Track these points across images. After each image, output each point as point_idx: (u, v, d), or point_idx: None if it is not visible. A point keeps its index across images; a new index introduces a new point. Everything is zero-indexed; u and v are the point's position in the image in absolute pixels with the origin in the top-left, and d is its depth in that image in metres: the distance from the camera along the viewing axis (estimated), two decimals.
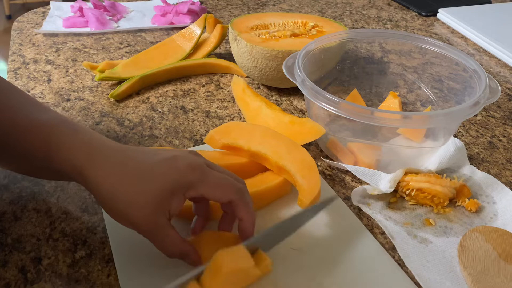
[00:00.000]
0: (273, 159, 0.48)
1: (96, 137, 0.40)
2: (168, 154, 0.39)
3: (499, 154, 0.60)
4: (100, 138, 0.40)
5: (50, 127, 0.39)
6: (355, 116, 0.47)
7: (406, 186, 0.50)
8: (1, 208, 0.47)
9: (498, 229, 0.46)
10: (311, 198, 0.45)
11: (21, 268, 0.41)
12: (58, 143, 0.38)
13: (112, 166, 0.38)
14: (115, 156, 0.39)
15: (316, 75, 0.63)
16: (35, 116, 0.40)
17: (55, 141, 0.38)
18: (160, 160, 0.39)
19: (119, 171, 0.37)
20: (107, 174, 0.37)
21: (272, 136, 0.50)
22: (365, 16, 1.03)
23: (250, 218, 0.40)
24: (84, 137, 0.39)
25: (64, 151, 0.38)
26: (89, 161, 0.38)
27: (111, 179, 0.37)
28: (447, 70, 0.63)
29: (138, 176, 0.37)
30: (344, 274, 0.42)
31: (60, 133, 0.39)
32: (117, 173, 0.37)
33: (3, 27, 3.10)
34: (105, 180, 0.37)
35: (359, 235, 0.46)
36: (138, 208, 0.37)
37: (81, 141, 0.39)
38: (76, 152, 0.38)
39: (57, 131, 0.39)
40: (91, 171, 0.37)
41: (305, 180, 0.46)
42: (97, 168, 0.37)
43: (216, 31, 0.77)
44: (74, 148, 0.38)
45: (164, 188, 0.37)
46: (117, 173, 0.37)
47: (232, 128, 0.51)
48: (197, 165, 0.39)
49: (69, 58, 0.78)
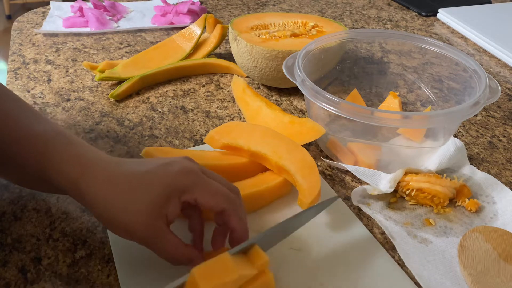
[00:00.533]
0: (273, 159, 0.48)
1: (91, 150, 0.40)
2: (162, 161, 0.39)
3: (499, 154, 0.60)
4: (95, 151, 0.40)
5: (46, 139, 0.39)
6: (355, 116, 0.47)
7: (406, 186, 0.50)
8: (1, 208, 0.47)
9: (498, 229, 0.46)
10: (311, 198, 0.45)
11: (21, 268, 0.41)
12: (54, 155, 0.38)
13: (106, 177, 0.38)
14: (109, 168, 0.38)
15: (316, 75, 0.63)
16: (31, 126, 0.40)
17: (51, 153, 0.39)
18: (153, 167, 0.39)
19: (113, 181, 0.37)
20: (101, 185, 0.37)
21: (272, 136, 0.50)
22: (365, 16, 1.03)
23: (242, 229, 0.39)
24: (79, 150, 0.39)
25: (59, 164, 0.38)
26: (83, 174, 0.38)
27: (105, 190, 0.37)
28: (447, 70, 0.63)
29: (132, 184, 0.37)
30: (344, 274, 0.42)
31: (55, 145, 0.39)
32: (112, 183, 0.37)
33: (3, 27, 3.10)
34: (99, 191, 0.37)
35: (359, 235, 0.46)
36: (135, 215, 0.36)
37: (76, 155, 0.39)
38: (71, 165, 0.38)
39: (53, 143, 0.39)
40: (86, 183, 0.37)
41: (305, 180, 0.46)
42: (91, 180, 0.37)
43: (216, 31, 0.77)
44: (69, 161, 0.38)
45: (159, 193, 0.37)
46: (111, 183, 0.37)
47: (232, 128, 0.51)
48: (191, 169, 0.39)
49: (69, 58, 0.78)
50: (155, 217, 0.37)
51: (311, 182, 0.46)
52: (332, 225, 0.47)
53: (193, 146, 0.58)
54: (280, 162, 0.48)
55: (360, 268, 0.42)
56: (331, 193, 0.51)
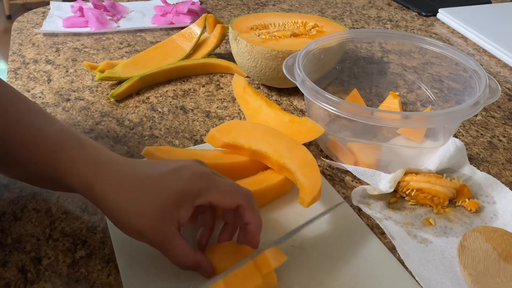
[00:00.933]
0: (274, 158, 0.48)
1: (103, 152, 0.40)
2: (175, 165, 0.40)
3: (499, 154, 0.60)
4: (107, 153, 0.40)
5: (58, 141, 0.39)
6: (355, 116, 0.47)
7: (406, 186, 0.50)
8: (1, 208, 0.47)
9: (498, 229, 0.46)
10: (312, 196, 0.45)
11: (21, 268, 0.41)
12: (66, 159, 0.39)
13: (119, 179, 0.38)
14: (122, 170, 0.39)
15: (316, 75, 0.63)
16: (42, 129, 0.40)
17: (63, 157, 0.39)
18: (166, 171, 0.39)
19: (126, 184, 0.38)
20: (114, 188, 0.37)
21: (272, 134, 0.50)
22: (365, 16, 1.03)
23: (257, 222, 0.40)
24: (91, 152, 0.40)
25: (71, 169, 0.38)
26: (96, 176, 0.38)
27: (118, 193, 0.37)
28: (447, 70, 0.63)
29: (145, 188, 0.38)
30: (345, 272, 0.42)
31: (67, 149, 0.39)
32: (124, 186, 0.38)
33: (3, 27, 3.10)
34: (112, 193, 0.37)
35: (360, 234, 0.46)
36: (147, 219, 0.37)
37: (88, 157, 0.39)
38: (83, 169, 0.38)
39: (64, 146, 0.39)
40: (99, 186, 0.38)
41: (306, 178, 0.46)
42: (104, 183, 0.38)
43: (216, 31, 0.77)
44: (81, 165, 0.38)
45: (171, 198, 0.37)
46: (124, 186, 0.38)
47: (233, 126, 0.51)
48: (203, 173, 0.39)
49: (69, 58, 0.78)
50: (166, 223, 0.37)
51: (312, 180, 0.46)
52: (333, 224, 0.47)
53: (193, 146, 0.58)
54: (281, 161, 0.48)
55: (361, 266, 0.42)
56: (332, 192, 0.51)
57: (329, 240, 0.45)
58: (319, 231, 0.46)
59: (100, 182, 0.38)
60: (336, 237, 0.45)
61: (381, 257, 0.44)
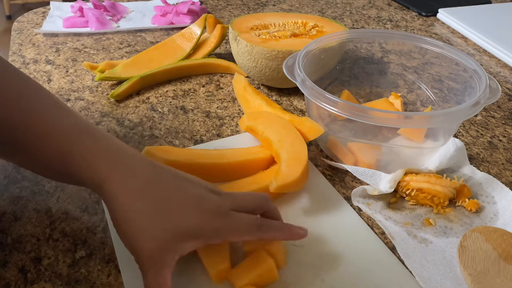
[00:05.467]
0: (274, 147, 0.51)
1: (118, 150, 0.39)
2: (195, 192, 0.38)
3: (499, 154, 0.60)
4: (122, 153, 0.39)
5: (71, 136, 0.39)
6: (355, 116, 0.47)
7: (406, 186, 0.50)
8: (1, 208, 0.47)
9: (498, 229, 0.46)
10: (283, 183, 0.46)
11: (21, 268, 0.41)
12: (77, 156, 0.38)
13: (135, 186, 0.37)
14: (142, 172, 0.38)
15: (316, 75, 0.63)
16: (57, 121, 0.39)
17: (75, 153, 0.38)
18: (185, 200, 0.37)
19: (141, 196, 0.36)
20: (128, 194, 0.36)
21: (287, 128, 0.53)
22: (365, 16, 1.03)
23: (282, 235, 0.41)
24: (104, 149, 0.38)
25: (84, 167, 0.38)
26: (111, 172, 0.37)
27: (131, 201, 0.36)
28: (447, 70, 0.63)
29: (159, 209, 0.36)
30: (345, 272, 0.42)
31: (80, 145, 0.38)
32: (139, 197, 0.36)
33: (3, 27, 3.10)
34: (124, 199, 0.36)
35: (360, 234, 0.46)
36: (149, 240, 0.35)
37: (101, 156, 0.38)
38: (95, 167, 0.37)
39: (77, 142, 0.38)
40: (112, 184, 0.37)
41: (288, 168, 0.48)
42: (119, 183, 0.37)
43: (216, 31, 0.77)
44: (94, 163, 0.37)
45: (182, 232, 0.36)
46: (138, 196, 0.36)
47: (260, 115, 0.57)
48: (222, 210, 0.38)
49: (69, 58, 0.78)
50: (166, 251, 0.35)
51: (292, 171, 0.48)
52: (333, 224, 0.47)
53: (193, 146, 0.58)
54: (278, 150, 0.50)
55: (362, 265, 0.42)
56: (332, 192, 0.51)
57: (329, 240, 0.45)
58: (319, 230, 0.46)
59: (114, 180, 0.37)
60: (336, 237, 0.45)
61: (381, 257, 0.44)
